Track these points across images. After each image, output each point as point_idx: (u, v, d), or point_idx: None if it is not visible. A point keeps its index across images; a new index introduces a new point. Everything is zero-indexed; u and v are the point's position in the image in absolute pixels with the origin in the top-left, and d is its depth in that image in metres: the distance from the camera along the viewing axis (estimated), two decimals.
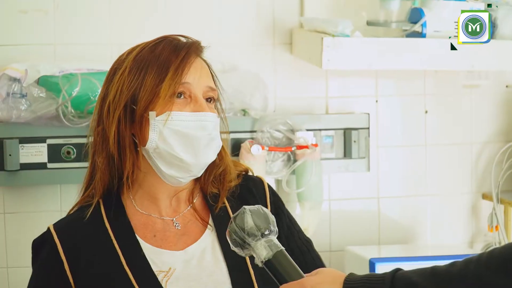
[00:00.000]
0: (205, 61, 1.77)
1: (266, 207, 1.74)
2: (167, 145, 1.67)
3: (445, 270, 1.47)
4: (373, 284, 1.49)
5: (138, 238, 1.70)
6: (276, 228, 1.57)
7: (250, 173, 1.88)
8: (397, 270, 1.51)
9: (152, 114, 1.66)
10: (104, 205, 1.73)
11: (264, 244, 1.54)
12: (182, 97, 1.69)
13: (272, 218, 1.58)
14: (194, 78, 1.70)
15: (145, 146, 1.68)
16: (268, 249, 1.54)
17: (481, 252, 1.49)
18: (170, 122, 1.66)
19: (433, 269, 1.48)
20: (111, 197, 1.73)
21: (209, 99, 1.73)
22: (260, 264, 1.55)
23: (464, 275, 1.45)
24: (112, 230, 1.70)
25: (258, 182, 1.86)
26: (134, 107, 1.67)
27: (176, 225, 1.74)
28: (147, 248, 1.69)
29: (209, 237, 1.74)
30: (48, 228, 1.72)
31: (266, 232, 1.55)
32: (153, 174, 1.72)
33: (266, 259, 1.54)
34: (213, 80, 1.77)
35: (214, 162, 1.75)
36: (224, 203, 1.79)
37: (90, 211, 1.72)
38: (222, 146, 1.75)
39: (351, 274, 1.53)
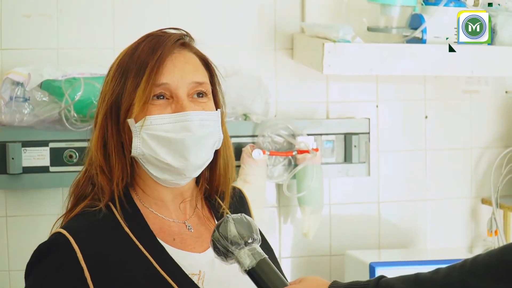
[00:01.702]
0: (196, 52, 1.67)
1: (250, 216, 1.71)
2: (151, 151, 1.59)
3: (429, 278, 1.47)
4: None
5: (161, 242, 1.61)
6: (259, 236, 1.55)
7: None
8: (381, 277, 1.51)
9: (131, 121, 1.59)
10: (116, 210, 1.61)
11: (247, 252, 1.52)
12: (164, 98, 1.59)
13: (255, 226, 1.56)
14: (174, 76, 1.59)
15: (131, 154, 1.61)
16: (252, 257, 1.52)
17: (464, 259, 1.49)
18: (147, 127, 1.58)
19: (417, 276, 1.48)
20: (122, 201, 1.62)
21: (199, 94, 1.62)
22: (243, 273, 1.53)
23: (449, 282, 1.45)
24: (134, 234, 1.59)
25: (238, 192, 1.83)
26: (118, 114, 1.61)
27: (189, 228, 1.68)
28: (172, 251, 1.61)
29: None
30: (59, 233, 1.57)
31: (250, 241, 1.53)
32: (152, 179, 1.65)
33: (250, 268, 1.52)
34: (210, 71, 1.68)
35: (213, 160, 1.67)
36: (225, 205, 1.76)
37: (101, 216, 1.61)
38: (223, 142, 1.67)
39: (335, 282, 1.53)
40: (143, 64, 1.59)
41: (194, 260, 1.63)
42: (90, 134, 2.38)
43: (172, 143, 1.58)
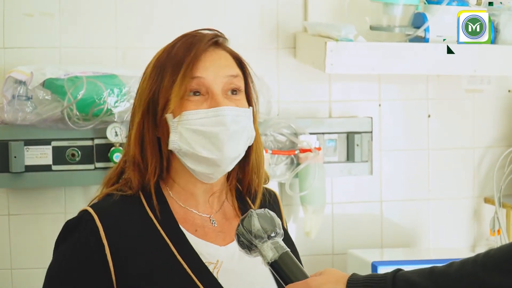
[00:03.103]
0: (230, 51, 1.73)
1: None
2: (188, 145, 1.64)
3: (443, 271, 1.51)
4: (375, 284, 1.53)
5: (183, 229, 1.67)
6: (282, 230, 1.60)
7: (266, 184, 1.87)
8: (398, 270, 1.55)
9: (169, 116, 1.65)
10: (144, 197, 1.69)
11: (270, 245, 1.57)
12: (199, 94, 1.65)
13: (278, 221, 1.60)
14: (209, 71, 1.66)
15: (168, 148, 1.67)
16: (274, 250, 1.57)
17: (477, 253, 1.53)
18: (185, 122, 1.64)
19: (432, 269, 1.52)
20: (150, 190, 1.68)
21: (234, 91, 1.68)
22: (266, 266, 1.58)
23: (461, 275, 1.49)
24: (157, 220, 1.66)
25: (273, 195, 1.89)
26: (155, 110, 1.67)
27: (213, 222, 1.73)
28: (193, 240, 1.67)
29: None
30: (86, 210, 1.66)
31: (272, 235, 1.58)
32: (186, 171, 1.70)
33: (272, 260, 1.57)
34: (243, 69, 1.73)
35: (245, 157, 1.72)
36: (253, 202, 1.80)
37: (128, 199, 1.68)
38: (255, 140, 1.72)
39: (354, 275, 1.56)
40: (179, 62, 1.65)
41: (213, 250, 1.68)
42: (96, 132, 2.43)
43: (207, 136, 1.64)
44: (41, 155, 2.49)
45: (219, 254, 1.68)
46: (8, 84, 2.44)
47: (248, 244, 1.58)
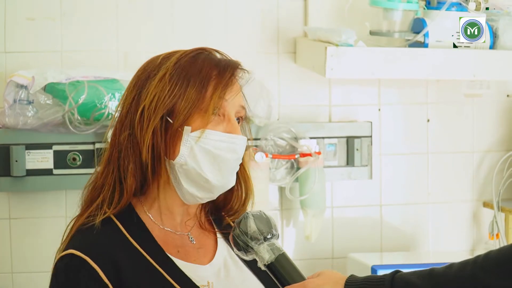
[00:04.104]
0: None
1: None
2: (196, 163, 1.60)
3: (443, 272, 1.51)
4: (373, 285, 1.52)
5: (169, 255, 1.62)
6: (278, 232, 1.60)
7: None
8: (397, 271, 1.54)
9: (187, 129, 1.59)
10: (119, 221, 1.62)
11: (266, 247, 1.57)
12: (216, 115, 1.62)
13: (274, 222, 1.60)
14: (231, 96, 1.63)
15: (173, 160, 1.60)
16: (271, 252, 1.57)
17: (477, 255, 1.54)
18: (203, 140, 1.59)
19: (431, 270, 1.52)
20: (124, 211, 1.62)
21: (238, 119, 1.66)
22: (262, 267, 1.57)
23: (461, 277, 1.49)
24: (142, 247, 1.60)
25: None
26: (170, 118, 1.60)
27: (192, 239, 1.69)
28: (180, 264, 1.62)
29: (224, 247, 1.72)
30: (73, 254, 1.55)
31: (269, 236, 1.58)
32: (171, 188, 1.64)
33: (269, 262, 1.57)
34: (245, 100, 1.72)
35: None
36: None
37: (104, 231, 1.60)
38: (245, 169, 1.72)
39: (352, 276, 1.56)
40: (207, 77, 1.61)
41: (202, 272, 1.65)
42: (97, 136, 2.41)
43: (218, 161, 1.61)
44: (42, 159, 2.50)
45: (206, 275, 1.65)
46: (9, 88, 2.44)
47: (244, 246, 1.58)
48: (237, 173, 1.69)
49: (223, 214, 1.78)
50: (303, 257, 2.83)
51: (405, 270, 1.57)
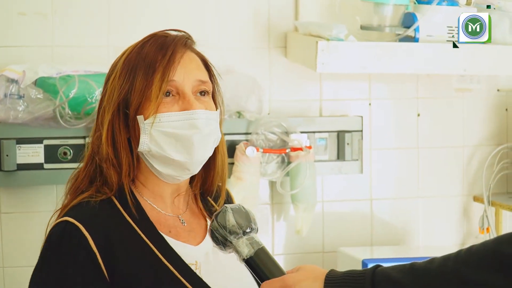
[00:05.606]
0: (198, 53, 1.74)
1: None
2: (158, 147, 1.65)
3: (424, 267, 1.49)
4: (354, 280, 1.50)
5: (160, 233, 1.67)
6: (257, 226, 1.59)
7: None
8: (377, 266, 1.52)
9: (140, 118, 1.65)
10: (119, 201, 1.68)
11: (245, 241, 1.55)
12: (170, 95, 1.66)
13: (253, 216, 1.59)
14: (181, 74, 1.66)
15: (138, 150, 1.67)
16: (250, 246, 1.55)
17: (459, 249, 1.51)
18: (157, 124, 1.64)
19: (412, 265, 1.50)
20: (124, 193, 1.68)
21: (202, 93, 1.70)
22: (241, 262, 1.56)
23: (443, 272, 1.47)
24: (136, 225, 1.65)
25: (228, 195, 1.91)
26: (127, 111, 1.67)
27: (182, 221, 1.73)
28: (171, 242, 1.66)
29: None
30: (66, 221, 1.61)
31: (248, 230, 1.56)
32: (152, 173, 1.71)
33: (248, 257, 1.55)
34: (209, 71, 1.75)
35: (210, 159, 1.73)
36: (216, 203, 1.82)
37: (102, 206, 1.66)
38: (220, 142, 1.74)
39: (332, 271, 1.54)
40: (152, 63, 1.66)
41: (190, 250, 1.68)
42: (88, 130, 2.42)
43: (180, 139, 1.65)
44: (33, 153, 2.49)
45: (195, 254, 1.68)
46: (0, 83, 2.43)
47: (222, 240, 1.56)
48: (215, 148, 1.73)
49: (209, 199, 1.82)
50: (294, 251, 2.83)
51: (395, 264, 1.55)
